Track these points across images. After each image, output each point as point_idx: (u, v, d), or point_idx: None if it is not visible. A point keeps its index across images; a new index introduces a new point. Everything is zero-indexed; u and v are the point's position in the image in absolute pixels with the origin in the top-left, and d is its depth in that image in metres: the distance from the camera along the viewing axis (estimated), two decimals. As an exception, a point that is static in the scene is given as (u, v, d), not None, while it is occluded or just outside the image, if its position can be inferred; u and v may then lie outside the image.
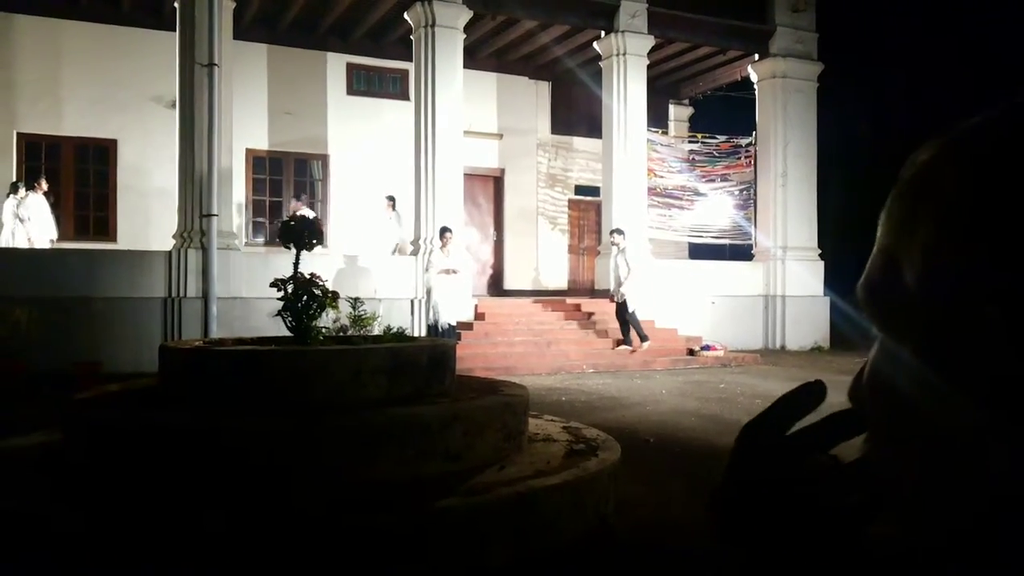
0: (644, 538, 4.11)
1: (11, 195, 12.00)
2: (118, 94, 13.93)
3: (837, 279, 15.46)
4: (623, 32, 14.05)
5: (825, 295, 15.44)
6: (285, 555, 3.15)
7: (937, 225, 0.41)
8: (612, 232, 12.72)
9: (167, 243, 11.79)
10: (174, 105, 12.01)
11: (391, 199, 13.92)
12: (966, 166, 0.41)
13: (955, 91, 16.44)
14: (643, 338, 11.97)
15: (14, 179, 12.75)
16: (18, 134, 13.68)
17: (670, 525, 4.26)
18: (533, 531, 3.62)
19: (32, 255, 11.21)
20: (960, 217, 0.40)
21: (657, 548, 3.96)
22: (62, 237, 12.70)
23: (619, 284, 11.98)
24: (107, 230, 13.95)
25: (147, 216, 13.92)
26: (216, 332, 10.79)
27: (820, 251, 15.64)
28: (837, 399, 0.51)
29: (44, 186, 12.26)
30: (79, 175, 14.02)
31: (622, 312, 12.00)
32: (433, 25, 12.68)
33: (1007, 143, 0.40)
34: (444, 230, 11.65)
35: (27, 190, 12.11)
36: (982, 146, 0.41)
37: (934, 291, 0.41)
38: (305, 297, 4.59)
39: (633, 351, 11.96)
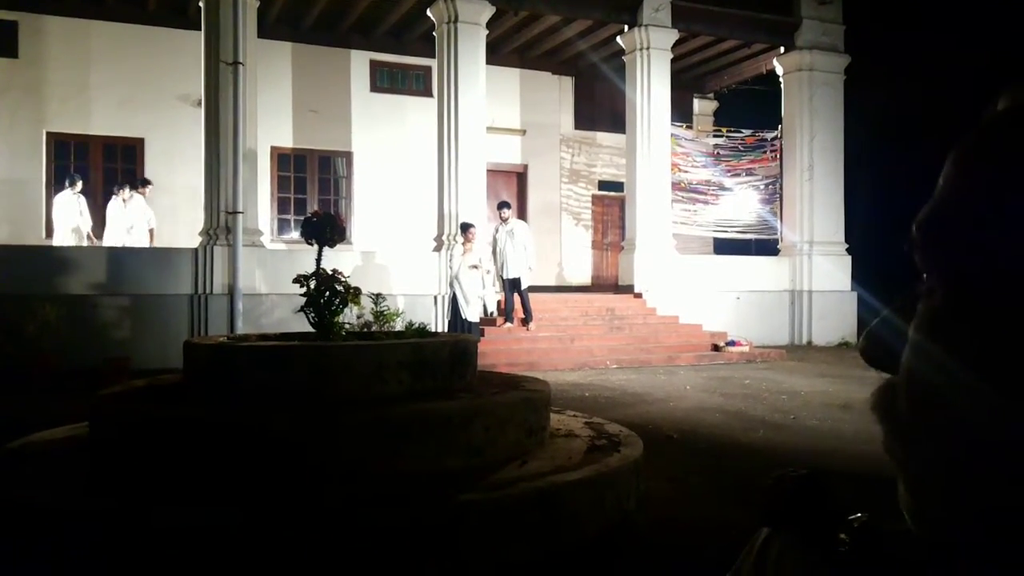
0: (667, 534, 4.09)
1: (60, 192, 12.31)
2: (145, 93, 14.09)
3: (864, 274, 15.29)
4: (647, 26, 13.97)
5: (852, 290, 15.28)
6: (308, 548, 3.16)
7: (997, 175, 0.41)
8: (499, 206, 12.35)
9: (194, 240, 11.91)
10: (200, 104, 12.12)
11: (145, 182, 12.97)
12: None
13: (987, 82, 16.15)
14: (529, 317, 11.90)
15: (44, 176, 12.97)
16: (47, 133, 13.88)
17: (693, 521, 4.23)
18: (555, 527, 3.61)
19: (61, 253, 11.37)
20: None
21: (680, 544, 3.93)
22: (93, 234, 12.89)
23: (512, 261, 11.72)
24: (133, 227, 14.08)
25: (174, 213, 14.07)
26: (242, 328, 10.88)
27: (847, 245, 15.46)
28: (864, 395, 0.51)
29: (79, 186, 12.41)
30: (107, 174, 14.19)
31: (517, 289, 11.79)
32: (456, 21, 12.69)
33: None
34: (466, 226, 11.66)
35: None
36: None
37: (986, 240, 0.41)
38: (327, 293, 4.61)
39: (513, 329, 11.88)
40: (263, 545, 3.18)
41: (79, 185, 12.33)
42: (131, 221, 12.53)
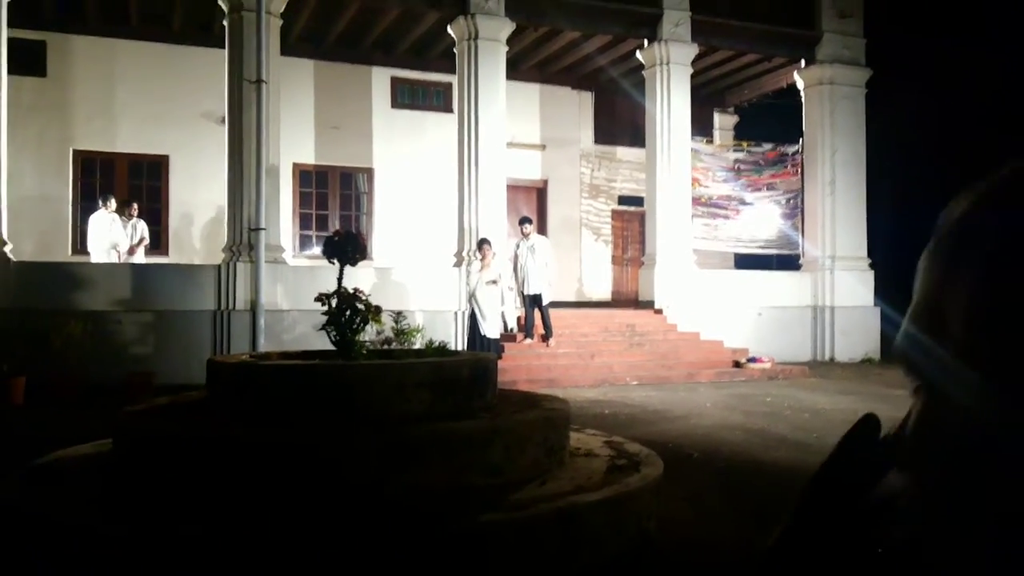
0: (687, 555, 4.06)
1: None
2: (170, 111, 14.27)
3: (888, 289, 15.15)
4: (666, 41, 13.98)
5: (875, 305, 15.13)
6: (326, 565, 3.18)
7: (983, 275, 0.41)
8: (521, 221, 12.31)
9: (217, 257, 12.03)
10: (224, 121, 12.26)
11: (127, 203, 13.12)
12: (1009, 215, 0.41)
13: (1009, 96, 16.03)
14: (550, 333, 11.88)
15: (71, 193, 13.14)
16: (74, 151, 14.09)
17: (713, 542, 4.20)
18: (574, 547, 3.60)
19: (87, 269, 11.52)
20: (1007, 266, 0.40)
21: (700, 566, 3.91)
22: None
23: (534, 277, 11.69)
24: (159, 244, 14.24)
25: (198, 230, 14.22)
26: (264, 344, 10.96)
27: (870, 260, 15.34)
28: (891, 413, 0.52)
29: (113, 204, 12.55)
30: (132, 191, 14.36)
31: (538, 305, 11.76)
32: (476, 38, 12.77)
33: None
34: (483, 242, 11.64)
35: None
36: None
37: (983, 342, 0.41)
38: (348, 311, 4.64)
39: (533, 345, 11.88)
40: (276, 562, 3.20)
41: (113, 204, 12.49)
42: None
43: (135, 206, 12.93)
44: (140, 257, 12.67)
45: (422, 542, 3.32)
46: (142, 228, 12.87)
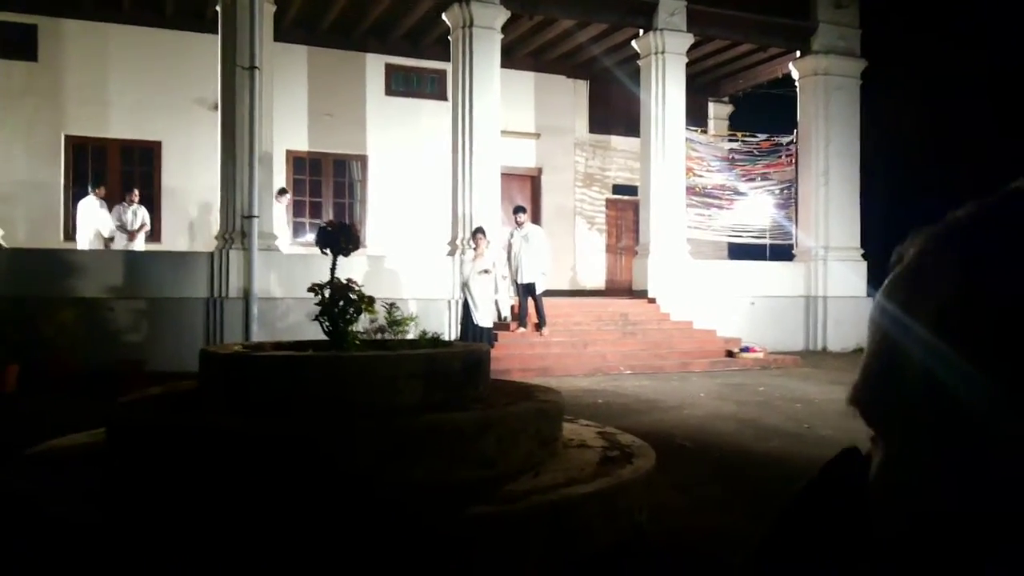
0: (679, 546, 4.08)
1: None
2: (162, 97, 14.18)
3: (881, 279, 15.08)
4: (662, 30, 13.94)
5: (868, 296, 15.16)
6: (318, 557, 3.18)
7: (938, 318, 0.41)
8: (515, 210, 12.38)
9: (210, 244, 11.98)
10: (216, 107, 12.19)
11: (284, 191, 13.50)
12: (966, 258, 0.41)
13: (1003, 88, 16.05)
14: (543, 322, 11.84)
15: (63, 179, 13.07)
16: (66, 136, 14.00)
17: (705, 532, 4.22)
18: (566, 539, 3.62)
19: (79, 256, 11.47)
20: (961, 309, 0.40)
21: (691, 556, 3.93)
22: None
23: (527, 266, 11.69)
24: (152, 231, 14.17)
25: (191, 217, 14.16)
26: (257, 332, 10.94)
27: (863, 251, 15.37)
28: None
29: (102, 190, 12.61)
30: (125, 177, 14.28)
31: (532, 294, 11.76)
32: (471, 26, 12.71)
33: (1007, 235, 0.40)
34: (477, 231, 11.64)
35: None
36: (981, 237, 0.41)
37: (938, 387, 0.40)
38: (342, 302, 4.64)
39: (526, 334, 11.86)
40: (270, 554, 3.21)
41: (102, 190, 12.48)
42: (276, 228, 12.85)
43: (136, 192, 12.94)
44: (140, 243, 12.68)
45: (415, 534, 3.33)
46: (143, 214, 12.88)
